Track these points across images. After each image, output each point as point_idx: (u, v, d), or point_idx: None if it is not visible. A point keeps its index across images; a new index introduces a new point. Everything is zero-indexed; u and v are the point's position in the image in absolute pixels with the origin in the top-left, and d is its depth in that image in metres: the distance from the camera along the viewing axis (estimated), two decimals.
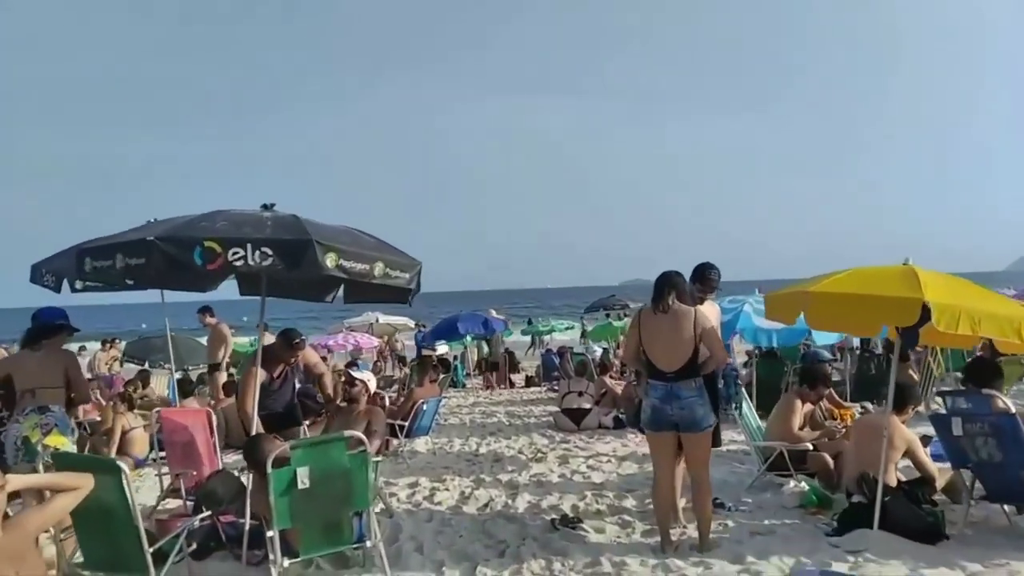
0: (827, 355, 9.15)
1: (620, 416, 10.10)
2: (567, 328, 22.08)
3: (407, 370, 15.36)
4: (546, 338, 25.08)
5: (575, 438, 9.41)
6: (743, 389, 9.90)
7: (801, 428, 6.25)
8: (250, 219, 4.50)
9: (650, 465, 7.76)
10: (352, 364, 11.98)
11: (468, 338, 17.02)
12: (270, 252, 4.12)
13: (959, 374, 11.85)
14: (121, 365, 16.20)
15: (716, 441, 5.15)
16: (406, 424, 8.18)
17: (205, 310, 10.57)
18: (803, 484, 5.87)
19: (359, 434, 4.48)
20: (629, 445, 8.79)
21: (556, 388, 16.56)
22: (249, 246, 4.11)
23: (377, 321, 21.91)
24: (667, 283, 4.89)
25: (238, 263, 4.08)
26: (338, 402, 6.36)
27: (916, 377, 10.41)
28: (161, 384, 13.64)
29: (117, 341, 18.44)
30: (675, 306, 4.83)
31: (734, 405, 6.60)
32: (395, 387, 15.08)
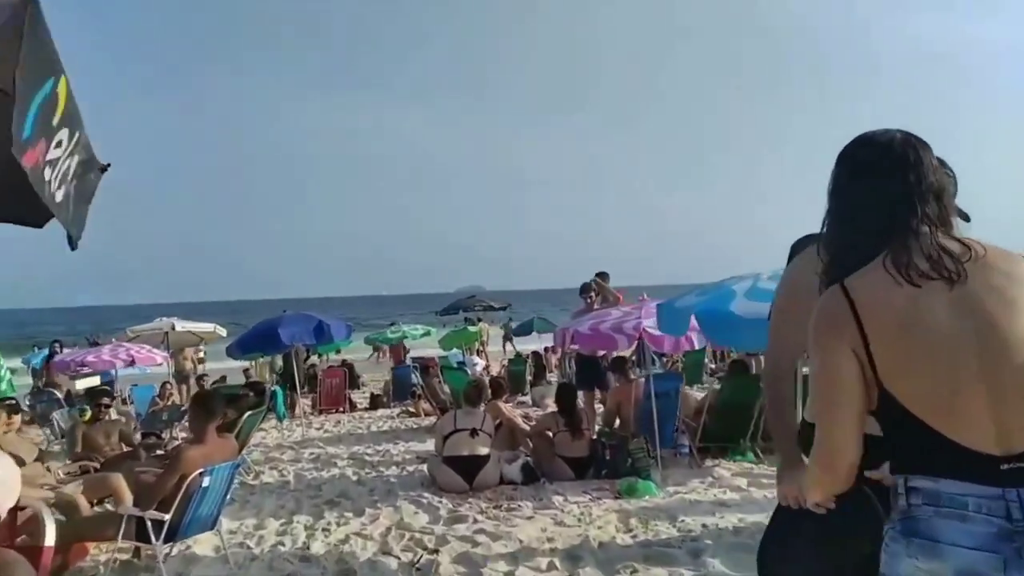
0: None
1: (528, 461, 6.71)
2: (424, 335, 18.35)
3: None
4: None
5: (471, 508, 5.82)
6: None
7: None
8: None
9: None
10: (101, 396, 7.56)
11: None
12: None
13: None
14: None
15: None
16: (167, 518, 4.21)
17: None
18: None
19: None
20: (565, 520, 5.36)
21: (412, 410, 12.99)
22: None
23: (173, 328, 17.05)
24: (919, 177, 1.55)
25: None
26: None
27: None
28: None
29: None
30: (979, 252, 1.49)
31: None
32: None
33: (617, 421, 7.40)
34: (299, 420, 12.68)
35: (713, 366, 14.80)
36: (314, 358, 21.40)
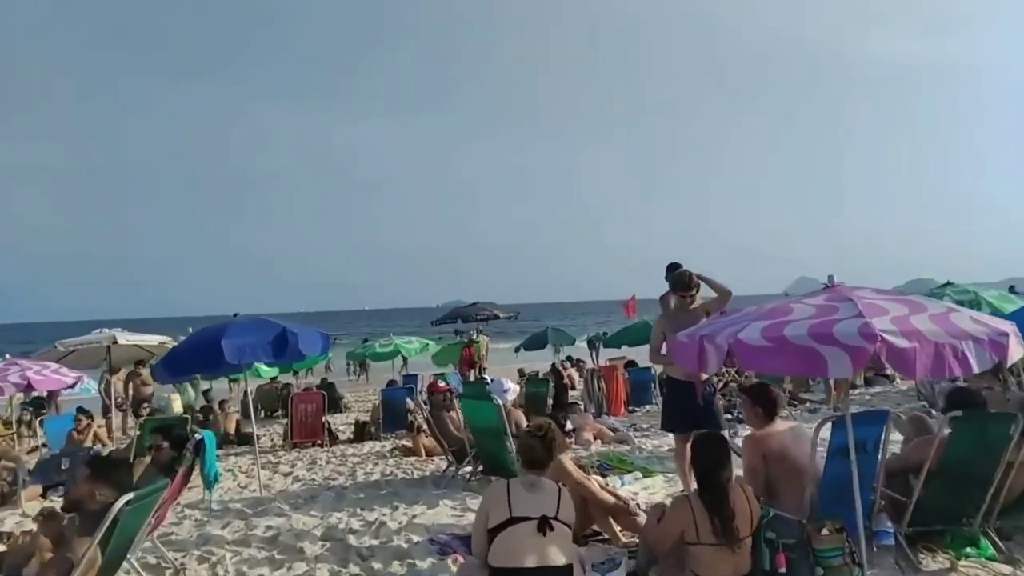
0: None
1: (634, 569, 3.86)
2: (422, 349, 15.37)
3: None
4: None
5: None
6: None
7: None
8: None
9: None
10: None
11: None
12: None
13: None
14: None
15: None
16: None
17: None
18: None
19: None
20: None
21: (408, 444, 10.09)
22: None
23: (115, 342, 14.01)
24: None
25: None
26: None
27: None
28: None
29: None
30: None
31: None
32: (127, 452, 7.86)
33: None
34: (266, 456, 9.84)
35: (790, 390, 11.94)
36: (289, 377, 18.43)
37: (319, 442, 11.32)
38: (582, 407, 11.42)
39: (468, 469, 7.26)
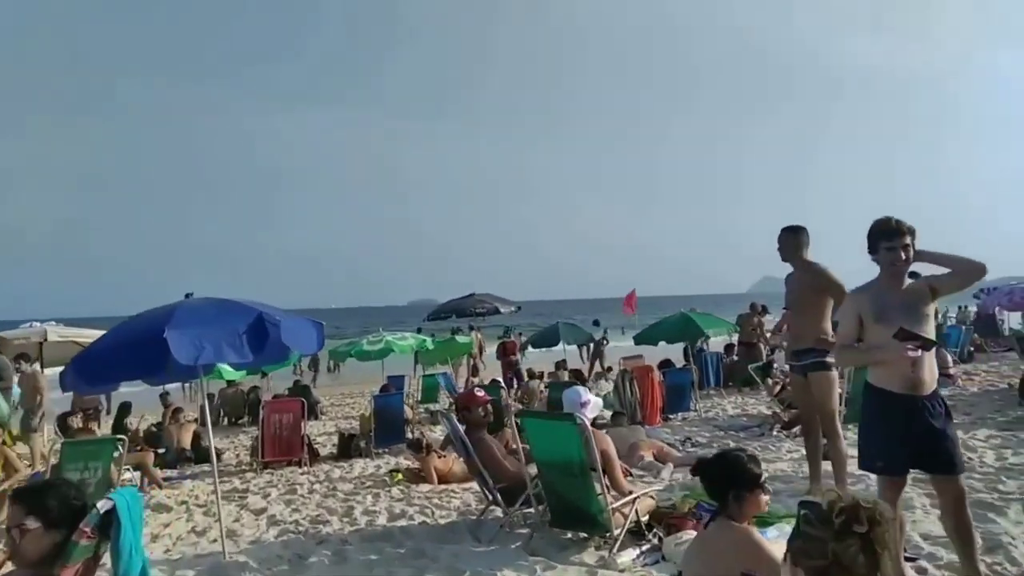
0: None
1: None
2: (419, 346, 13.15)
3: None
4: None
5: None
6: None
7: None
8: None
9: None
10: None
11: None
12: None
13: None
14: None
15: None
16: None
17: None
18: None
19: None
20: None
21: (413, 465, 7.93)
22: None
23: (46, 339, 11.65)
24: None
25: None
26: None
27: None
28: None
29: None
30: None
31: None
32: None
33: None
34: (230, 480, 7.66)
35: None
36: (256, 379, 16.08)
37: (296, 459, 9.19)
38: (627, 417, 9.32)
39: (528, 510, 5.15)
